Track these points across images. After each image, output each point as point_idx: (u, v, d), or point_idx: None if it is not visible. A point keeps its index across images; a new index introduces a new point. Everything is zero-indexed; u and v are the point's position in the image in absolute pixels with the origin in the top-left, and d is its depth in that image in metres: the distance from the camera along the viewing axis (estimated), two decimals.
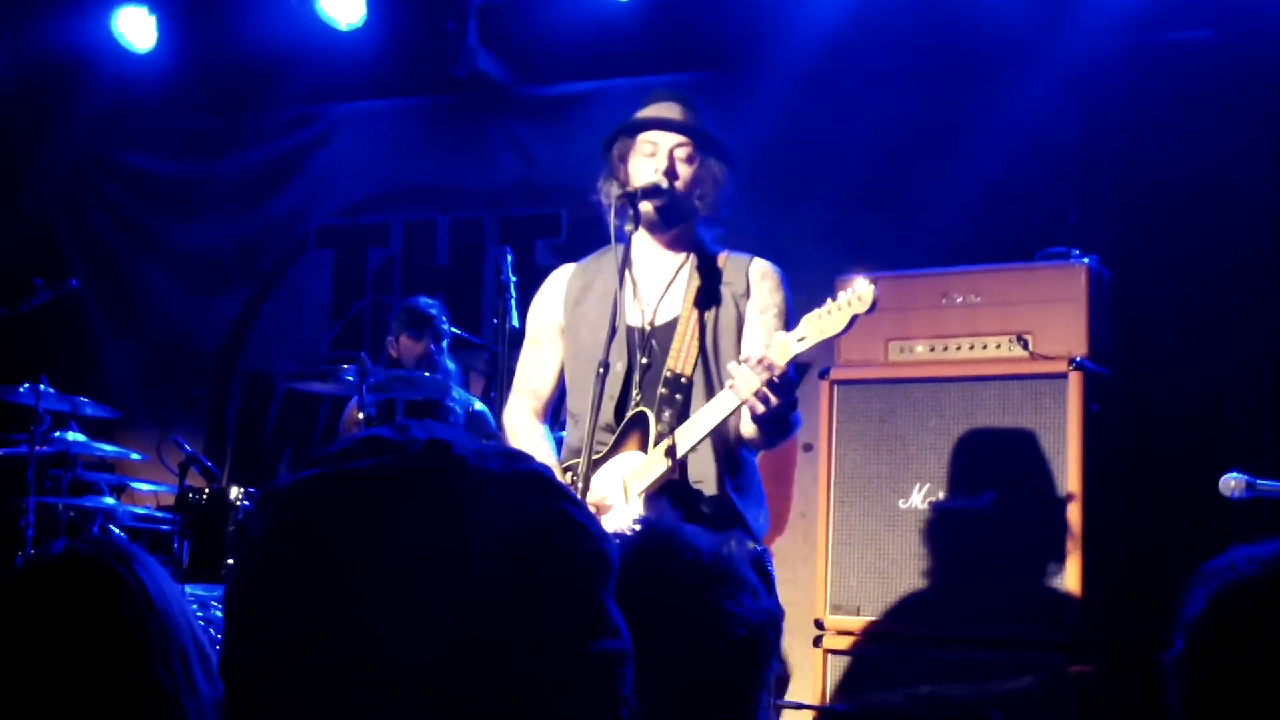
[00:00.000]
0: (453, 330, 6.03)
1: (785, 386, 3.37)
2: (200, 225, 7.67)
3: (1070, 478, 4.38)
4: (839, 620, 4.64)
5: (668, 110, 3.78)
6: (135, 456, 6.20)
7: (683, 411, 3.61)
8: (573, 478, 3.54)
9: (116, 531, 5.89)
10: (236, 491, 5.65)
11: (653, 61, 6.39)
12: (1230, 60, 5.44)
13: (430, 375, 5.68)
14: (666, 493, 3.54)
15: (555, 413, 4.04)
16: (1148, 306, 5.45)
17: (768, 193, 5.95)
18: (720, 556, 1.87)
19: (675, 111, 3.78)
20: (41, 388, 5.58)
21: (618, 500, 3.60)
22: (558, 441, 3.92)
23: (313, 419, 7.24)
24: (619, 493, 3.61)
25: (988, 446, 4.52)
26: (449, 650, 1.01)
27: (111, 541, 1.62)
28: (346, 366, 5.34)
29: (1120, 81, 5.74)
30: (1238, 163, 5.38)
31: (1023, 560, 4.40)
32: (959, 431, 4.57)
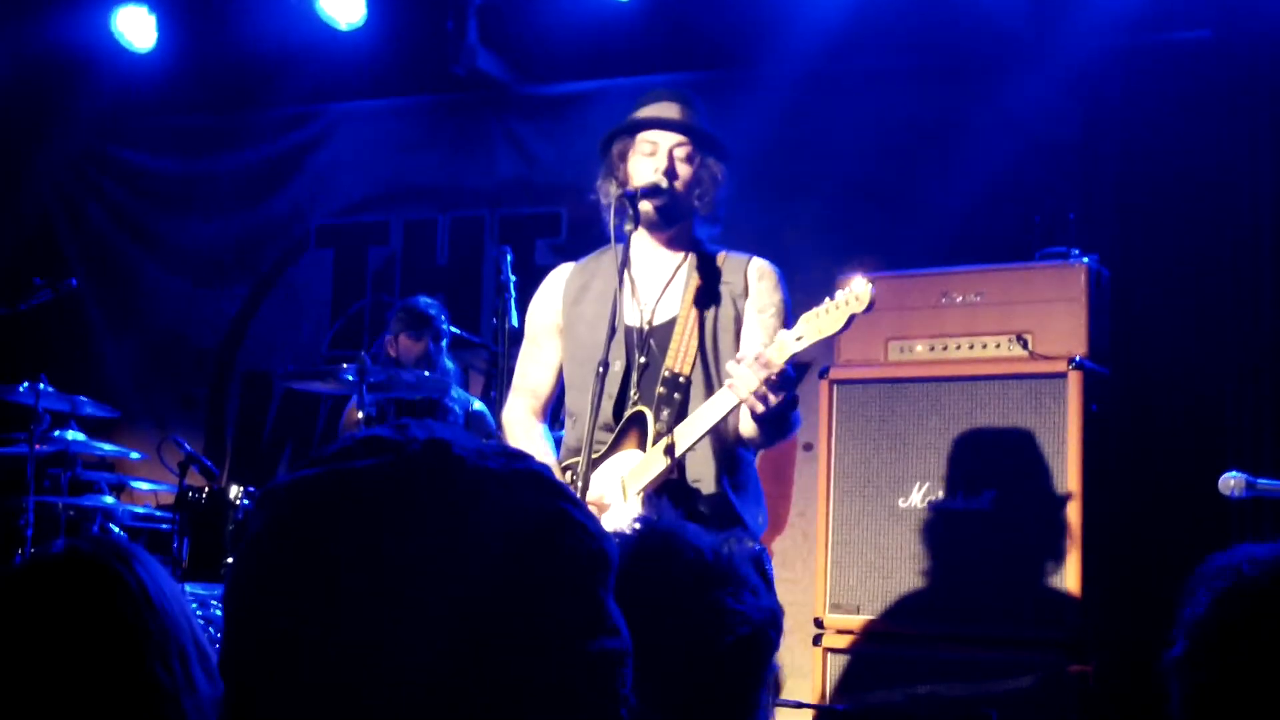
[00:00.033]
0: (452, 329, 6.03)
1: (784, 385, 3.37)
2: (200, 224, 7.67)
3: (1070, 477, 4.38)
4: (839, 619, 4.63)
5: (667, 109, 3.78)
6: (135, 456, 6.19)
7: (681, 411, 3.61)
8: (572, 477, 3.54)
9: (116, 530, 5.89)
10: (236, 491, 5.65)
11: (653, 61, 6.39)
12: (1230, 60, 5.43)
13: (430, 375, 5.68)
14: (665, 492, 3.54)
15: (554, 412, 4.04)
16: (1148, 306, 5.45)
17: (768, 192, 5.96)
18: (721, 555, 1.87)
19: (674, 111, 3.77)
20: (41, 387, 5.57)
21: (616, 499, 3.60)
22: (556, 441, 3.91)
23: (312, 418, 7.24)
24: (617, 492, 3.60)
25: (987, 446, 4.52)
26: (449, 650, 1.01)
27: (111, 540, 1.62)
28: (346, 366, 5.33)
29: (1120, 81, 5.74)
30: (1238, 163, 5.38)
31: (1022, 560, 4.39)
32: (959, 431, 4.57)
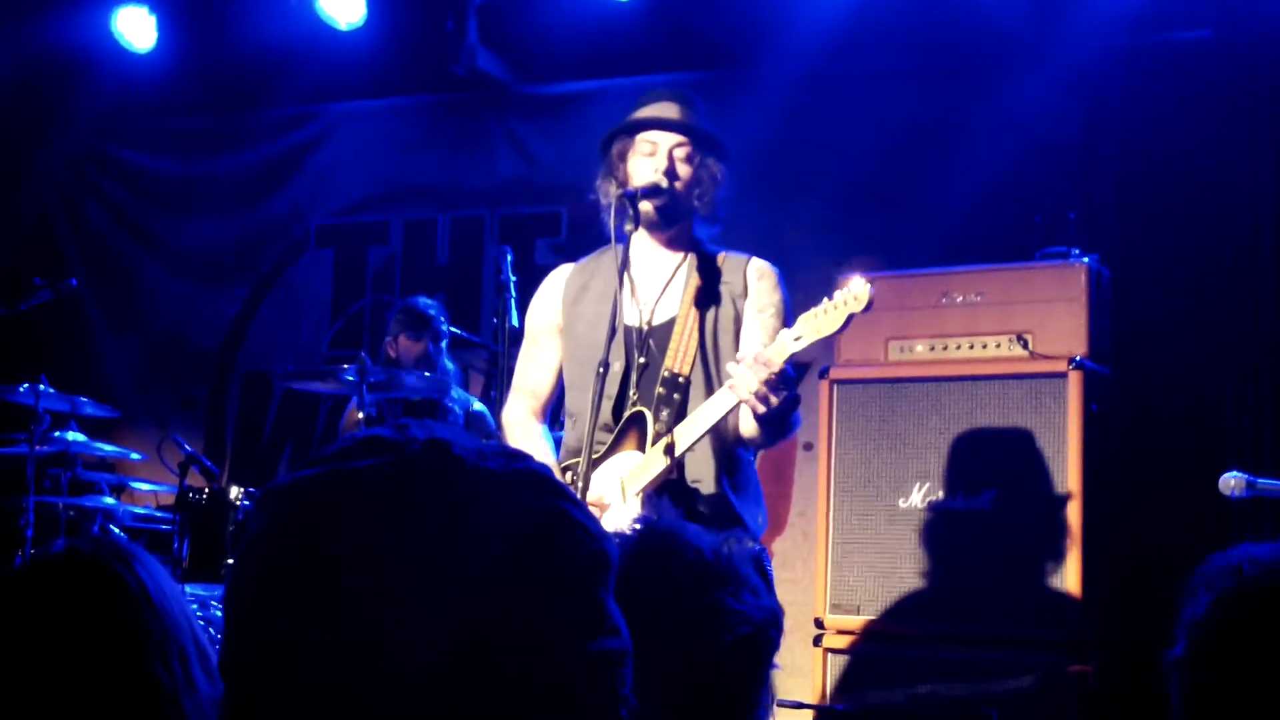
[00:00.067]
0: (452, 330, 6.03)
1: (784, 385, 3.36)
2: (200, 224, 7.67)
3: (1070, 477, 4.37)
4: (839, 619, 4.63)
5: (667, 109, 3.77)
6: (135, 456, 6.19)
7: (681, 411, 3.60)
8: (572, 477, 3.53)
9: (116, 531, 5.89)
10: (236, 491, 5.64)
11: (653, 61, 6.39)
12: (1230, 60, 5.43)
13: (430, 375, 5.68)
14: (664, 492, 3.54)
15: (554, 412, 4.04)
16: (1148, 306, 5.45)
17: (768, 192, 5.96)
18: (721, 555, 1.87)
19: (674, 110, 3.76)
20: (41, 387, 5.57)
21: (616, 500, 3.60)
22: (556, 441, 3.91)
23: (312, 418, 7.24)
24: (617, 492, 3.60)
25: (987, 446, 4.51)
26: (449, 650, 1.01)
27: (111, 541, 1.62)
28: (346, 366, 5.34)
29: (1120, 81, 5.74)
30: (1238, 163, 5.38)
31: (1022, 560, 4.39)
32: (959, 431, 4.57)
